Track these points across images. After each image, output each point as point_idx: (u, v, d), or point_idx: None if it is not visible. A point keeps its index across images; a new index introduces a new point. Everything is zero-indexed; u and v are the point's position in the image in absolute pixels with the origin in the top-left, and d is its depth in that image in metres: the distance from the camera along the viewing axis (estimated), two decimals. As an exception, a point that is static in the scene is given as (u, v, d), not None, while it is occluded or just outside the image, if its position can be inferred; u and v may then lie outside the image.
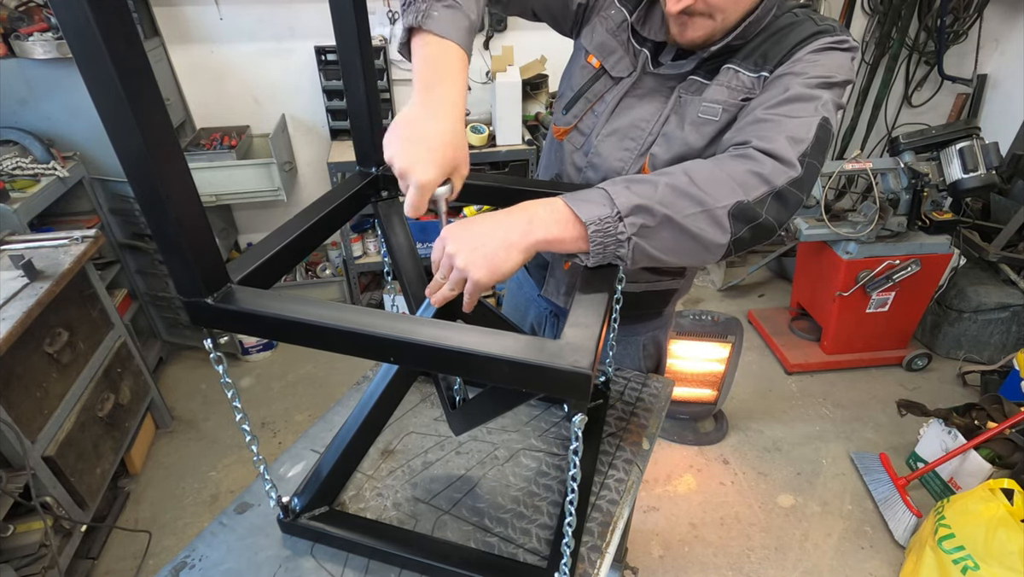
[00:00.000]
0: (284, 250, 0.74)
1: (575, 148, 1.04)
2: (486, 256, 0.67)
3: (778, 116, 0.78)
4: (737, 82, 0.88)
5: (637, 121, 0.96)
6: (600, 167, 1.00)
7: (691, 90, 0.92)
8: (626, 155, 0.98)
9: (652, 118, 0.95)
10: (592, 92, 1.01)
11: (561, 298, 1.23)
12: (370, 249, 3.04)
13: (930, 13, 3.18)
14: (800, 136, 0.76)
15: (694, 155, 0.90)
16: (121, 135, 0.50)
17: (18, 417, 1.60)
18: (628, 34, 0.97)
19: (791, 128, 0.77)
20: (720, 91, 0.89)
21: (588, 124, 1.02)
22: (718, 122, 0.89)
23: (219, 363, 0.67)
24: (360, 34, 0.81)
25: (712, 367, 2.32)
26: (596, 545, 0.85)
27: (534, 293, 1.31)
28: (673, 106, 0.93)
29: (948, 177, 2.41)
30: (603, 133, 0.99)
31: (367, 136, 0.91)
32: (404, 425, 1.09)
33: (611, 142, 0.99)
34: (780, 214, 0.75)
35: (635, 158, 0.97)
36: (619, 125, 0.98)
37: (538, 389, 0.58)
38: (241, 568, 0.84)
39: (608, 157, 0.99)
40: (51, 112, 2.22)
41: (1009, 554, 1.56)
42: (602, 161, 1.00)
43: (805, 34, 0.85)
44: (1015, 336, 2.75)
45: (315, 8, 2.70)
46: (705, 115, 0.90)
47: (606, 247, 0.69)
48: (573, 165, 1.06)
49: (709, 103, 0.89)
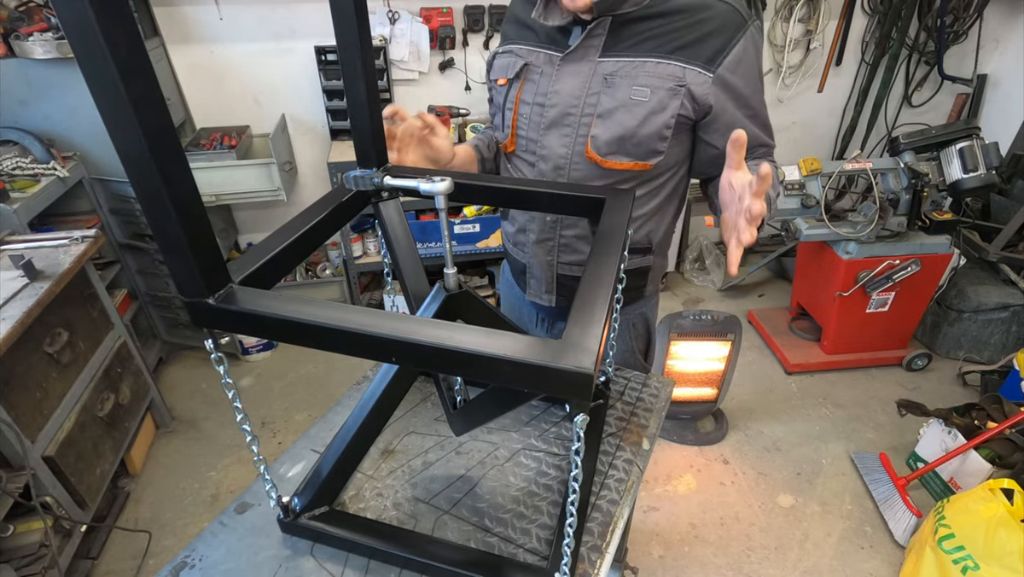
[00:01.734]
0: (285, 250, 0.74)
1: (524, 152, 1.14)
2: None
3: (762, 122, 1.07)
4: (667, 72, 0.99)
5: (566, 108, 1.05)
6: (549, 157, 1.10)
7: (620, 73, 1.00)
8: (567, 140, 1.07)
9: (578, 100, 1.04)
10: (509, 100, 1.13)
11: (545, 297, 1.27)
12: (370, 249, 3.04)
13: (930, 13, 3.18)
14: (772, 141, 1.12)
15: (630, 135, 1.01)
16: (122, 135, 0.50)
17: (18, 417, 1.60)
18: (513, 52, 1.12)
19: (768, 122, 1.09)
20: (650, 78, 0.99)
21: (523, 125, 1.12)
22: (648, 103, 0.99)
23: (220, 363, 0.67)
24: (360, 34, 0.81)
25: (713, 366, 2.32)
26: (596, 545, 0.85)
27: (525, 298, 1.34)
28: (601, 85, 1.01)
29: (948, 177, 2.41)
30: (543, 127, 1.08)
31: (367, 136, 0.91)
32: (404, 425, 1.09)
33: (551, 133, 1.08)
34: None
35: (574, 141, 1.06)
36: (553, 116, 1.06)
37: (540, 389, 0.57)
38: (241, 568, 0.84)
39: (553, 146, 1.08)
40: (51, 112, 2.22)
41: (1009, 554, 1.56)
42: (549, 152, 1.09)
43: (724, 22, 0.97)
44: (1015, 336, 2.75)
45: (315, 8, 2.70)
46: (637, 96, 0.99)
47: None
48: (527, 164, 1.15)
49: (640, 86, 0.99)
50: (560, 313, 1.30)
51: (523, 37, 1.11)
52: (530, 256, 1.24)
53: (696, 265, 3.64)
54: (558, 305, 1.26)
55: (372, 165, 0.94)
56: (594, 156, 1.05)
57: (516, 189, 0.90)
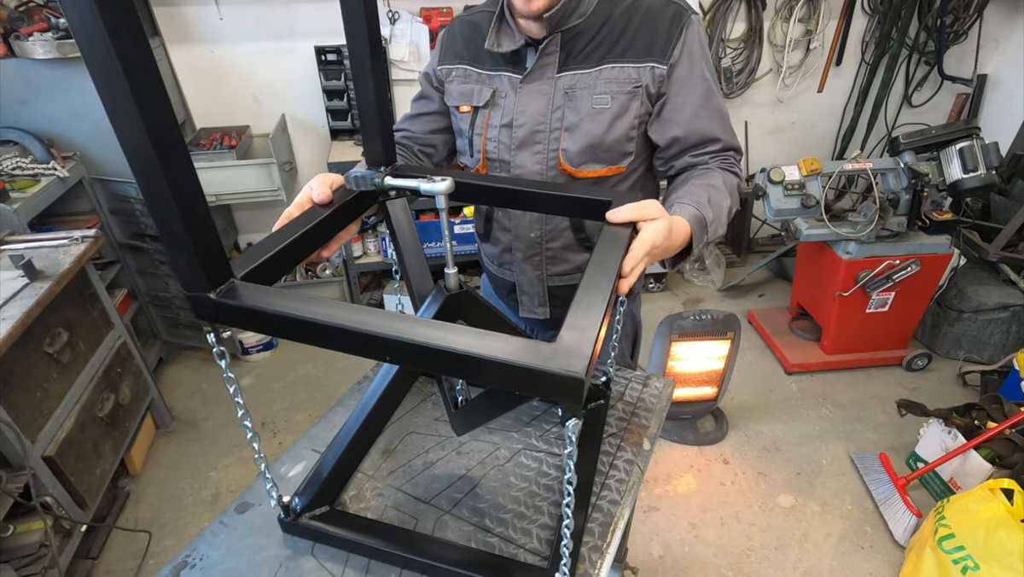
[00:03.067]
0: (288, 248, 0.74)
1: (498, 171, 1.15)
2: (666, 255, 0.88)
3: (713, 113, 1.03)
4: (623, 75, 1.01)
5: (534, 127, 1.07)
6: (524, 176, 1.12)
7: (579, 85, 1.03)
8: (539, 157, 1.09)
9: (545, 118, 1.06)
10: (477, 126, 1.13)
11: (539, 311, 1.29)
12: (370, 249, 3.04)
13: (930, 13, 3.18)
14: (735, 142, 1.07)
15: (599, 142, 1.04)
16: (127, 130, 0.50)
17: (18, 417, 1.60)
18: (475, 73, 1.12)
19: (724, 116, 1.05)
20: (608, 85, 1.02)
21: (492, 150, 1.13)
22: (610, 108, 1.02)
23: (222, 357, 0.67)
24: (370, 33, 0.81)
25: (713, 365, 2.32)
26: (596, 545, 0.85)
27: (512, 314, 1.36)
28: (563, 100, 1.04)
29: (948, 177, 2.41)
30: (513, 149, 1.10)
31: (376, 136, 0.91)
32: (405, 425, 1.09)
33: (524, 152, 1.10)
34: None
35: (547, 157, 1.08)
36: (522, 136, 1.08)
37: (532, 392, 0.57)
38: (241, 568, 0.83)
39: (527, 164, 1.10)
40: (51, 112, 2.22)
41: (1009, 554, 1.56)
42: (524, 171, 1.11)
43: (666, 17, 1.00)
44: (1015, 336, 2.75)
45: (315, 8, 2.70)
46: (599, 105, 1.02)
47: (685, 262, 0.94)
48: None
49: (600, 94, 1.02)
50: (555, 324, 1.31)
51: (477, 58, 1.12)
52: (519, 273, 1.25)
53: (696, 265, 3.64)
54: (552, 316, 1.28)
55: (381, 165, 0.94)
56: (567, 168, 1.07)
57: (519, 190, 0.90)
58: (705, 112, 1.03)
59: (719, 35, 3.14)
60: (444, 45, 1.17)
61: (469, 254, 3.02)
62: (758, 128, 3.51)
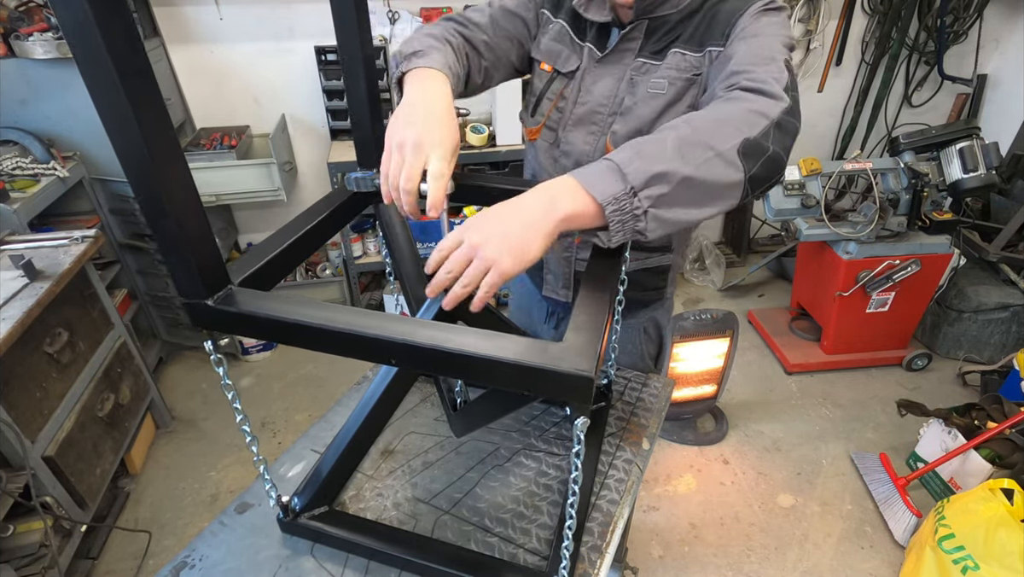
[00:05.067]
0: (285, 251, 0.74)
1: (548, 144, 1.13)
2: (512, 244, 0.65)
3: (752, 66, 0.83)
4: (684, 63, 0.97)
5: (595, 107, 1.05)
6: (571, 153, 1.09)
7: (642, 71, 1.00)
8: (592, 138, 1.06)
9: (608, 100, 1.04)
10: (551, 92, 1.10)
11: (561, 293, 1.27)
12: (370, 249, 3.04)
13: (930, 13, 3.18)
14: (776, 75, 0.81)
15: (647, 128, 0.99)
16: (121, 135, 0.50)
17: (18, 417, 1.60)
18: (569, 36, 1.07)
19: (770, 70, 0.82)
20: (668, 72, 0.98)
21: (555, 120, 1.10)
22: (665, 95, 0.98)
23: (219, 364, 0.67)
24: (361, 34, 0.81)
25: (713, 363, 2.32)
26: (596, 545, 0.85)
27: (537, 293, 1.33)
28: (627, 87, 1.01)
29: (948, 177, 2.41)
30: (570, 124, 1.08)
31: (368, 136, 0.91)
32: (404, 425, 1.09)
33: (578, 130, 1.07)
34: (784, 141, 0.78)
35: (598, 139, 1.06)
36: (582, 113, 1.06)
37: (540, 392, 0.57)
38: (241, 568, 0.84)
39: (577, 143, 1.08)
40: (51, 112, 2.22)
41: (1009, 554, 1.56)
42: (572, 148, 1.09)
43: (737, 6, 0.93)
44: (1015, 336, 2.75)
45: (315, 8, 2.70)
46: (654, 89, 0.98)
47: (624, 224, 0.68)
48: (549, 157, 1.14)
49: (658, 79, 0.98)
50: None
51: (575, 21, 1.06)
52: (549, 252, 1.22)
53: (696, 265, 3.64)
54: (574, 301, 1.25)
55: (373, 165, 0.94)
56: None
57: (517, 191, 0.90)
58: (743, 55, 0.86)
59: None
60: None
61: (469, 254, 3.01)
62: (758, 128, 3.51)
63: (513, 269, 0.66)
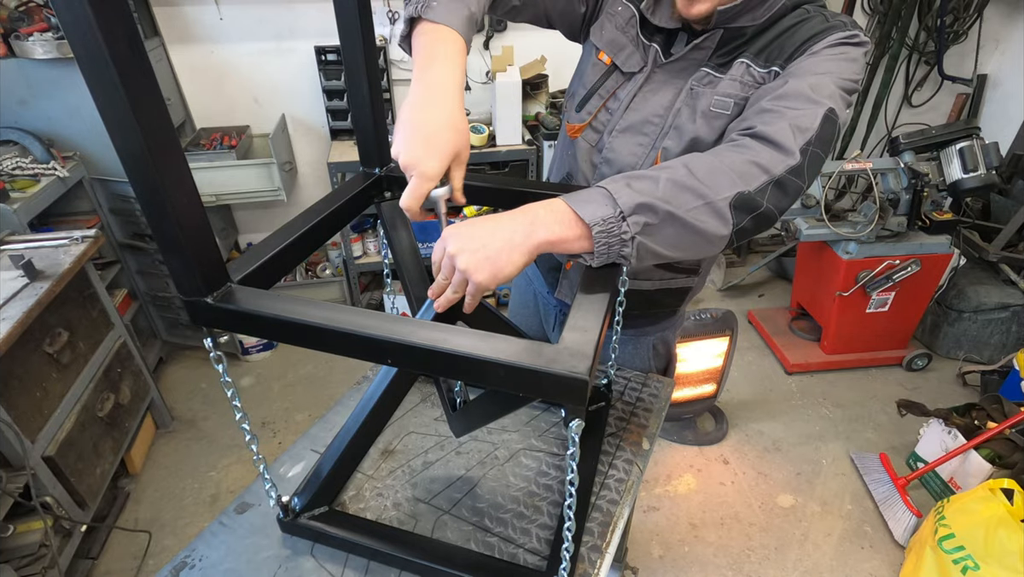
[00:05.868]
0: (285, 250, 0.74)
1: (590, 145, 1.04)
2: (488, 257, 0.66)
3: (782, 107, 0.78)
4: (749, 77, 0.88)
5: (650, 116, 0.96)
6: (615, 162, 1.00)
7: (704, 83, 0.91)
8: (639, 150, 0.98)
9: (665, 112, 0.95)
10: (604, 88, 1.01)
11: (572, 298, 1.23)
12: (370, 249, 3.04)
13: (930, 13, 3.18)
14: (804, 125, 0.76)
15: (704, 148, 0.87)
16: (122, 135, 0.50)
17: (18, 417, 1.60)
18: (636, 30, 0.97)
19: (795, 117, 0.76)
20: (733, 85, 0.89)
21: (602, 121, 1.02)
22: (729, 115, 0.89)
23: (219, 362, 0.67)
24: (364, 34, 0.81)
25: (712, 362, 2.32)
26: (596, 545, 0.85)
27: (544, 291, 1.31)
28: (685, 98, 0.93)
29: (948, 177, 2.41)
30: (617, 129, 0.99)
31: (370, 136, 0.91)
32: (404, 425, 1.09)
33: (625, 138, 0.99)
34: (780, 202, 0.75)
35: (648, 152, 0.97)
36: (633, 120, 0.98)
37: (535, 394, 0.57)
38: (241, 568, 0.84)
39: (622, 152, 0.99)
40: (51, 112, 2.22)
41: (1009, 554, 1.56)
42: (616, 156, 1.00)
43: (816, 30, 0.85)
44: (1015, 336, 2.75)
45: (315, 8, 2.70)
46: (717, 108, 0.90)
47: (610, 247, 0.68)
48: (588, 162, 1.05)
49: (721, 96, 0.89)
50: None
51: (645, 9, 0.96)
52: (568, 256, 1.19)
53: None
54: None
55: (375, 165, 0.94)
56: None
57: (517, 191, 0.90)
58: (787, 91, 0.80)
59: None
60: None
61: (469, 254, 3.01)
62: (758, 128, 3.51)
63: (488, 283, 0.66)
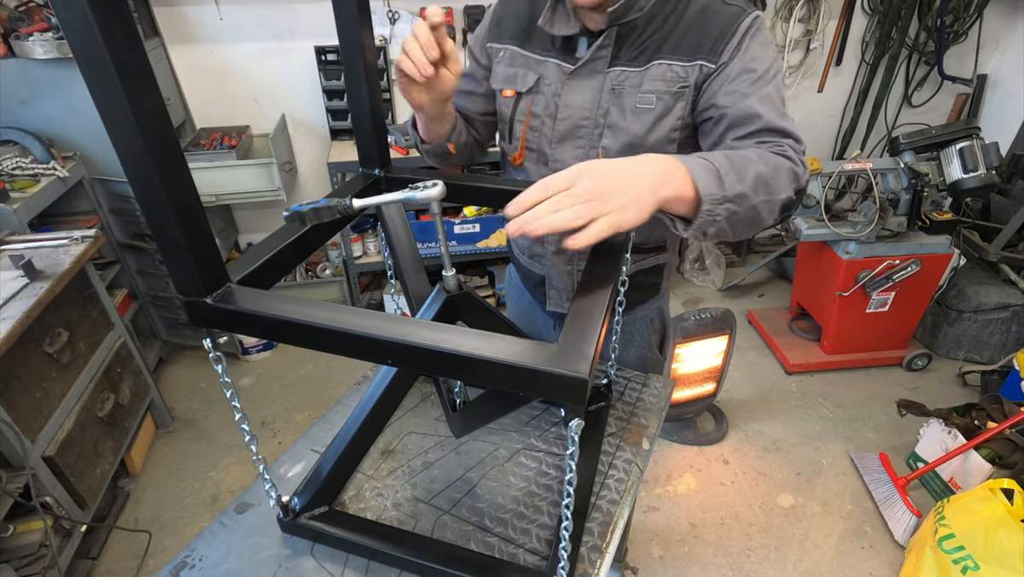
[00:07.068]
0: (284, 251, 0.74)
1: (535, 164, 1.11)
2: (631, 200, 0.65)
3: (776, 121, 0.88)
4: (671, 73, 0.96)
5: (578, 120, 1.03)
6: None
7: (626, 82, 0.99)
8: (580, 152, 1.05)
9: (590, 112, 1.02)
10: (519, 113, 1.09)
11: (566, 306, 1.26)
12: (370, 249, 3.04)
13: (930, 13, 3.18)
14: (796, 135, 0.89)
15: (639, 142, 1.00)
16: (121, 135, 0.50)
17: (18, 417, 1.60)
18: (522, 56, 1.07)
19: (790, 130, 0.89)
20: (655, 83, 0.97)
21: (533, 140, 1.09)
22: (654, 109, 0.98)
23: (218, 363, 0.67)
24: (363, 35, 0.81)
25: (712, 362, 2.32)
26: (596, 545, 0.85)
27: (539, 308, 1.34)
28: (610, 98, 1.00)
29: (948, 177, 2.41)
30: (555, 141, 1.06)
31: (370, 137, 0.91)
32: (404, 425, 1.09)
33: (565, 146, 1.06)
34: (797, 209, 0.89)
35: (587, 153, 1.04)
36: (564, 128, 1.05)
37: (535, 393, 0.57)
38: (241, 568, 0.84)
39: (566, 159, 1.06)
40: (51, 112, 2.22)
41: (1009, 554, 1.56)
42: (563, 165, 1.04)
43: (724, 16, 0.94)
44: (1015, 336, 2.75)
45: (315, 8, 2.70)
46: (643, 104, 0.98)
47: (704, 223, 0.73)
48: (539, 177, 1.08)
49: (645, 93, 0.98)
50: None
51: (526, 39, 1.06)
52: (549, 267, 1.22)
53: (696, 265, 3.64)
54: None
55: (375, 165, 0.94)
56: None
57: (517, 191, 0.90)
58: (752, 95, 0.91)
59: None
60: (496, 18, 1.12)
61: (470, 254, 3.02)
62: (758, 128, 3.51)
63: (635, 221, 0.66)
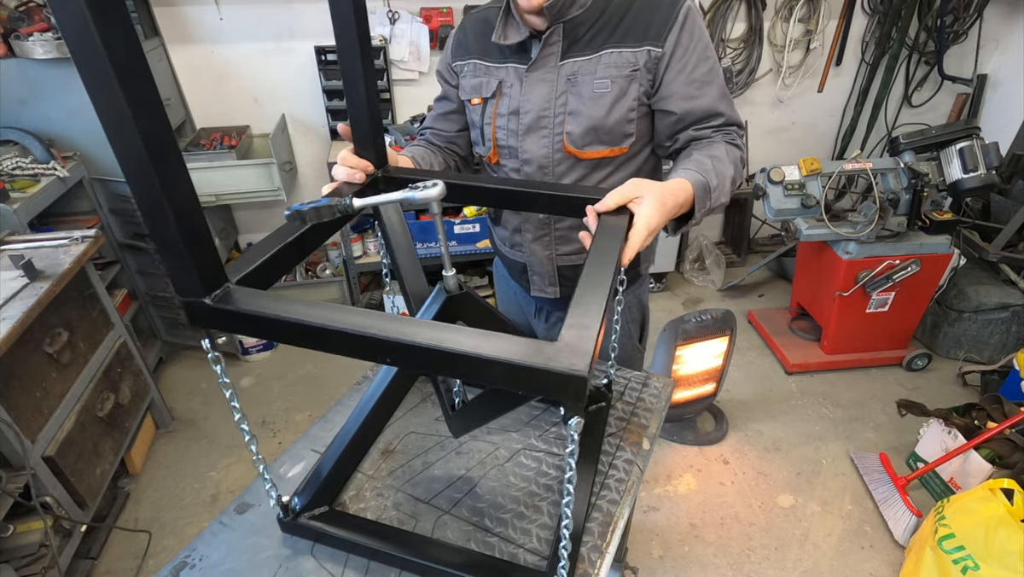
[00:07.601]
0: (284, 250, 0.74)
1: (507, 156, 1.21)
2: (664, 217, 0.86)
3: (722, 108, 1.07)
4: (621, 59, 1.06)
5: (539, 112, 1.12)
6: (532, 160, 1.17)
7: (580, 73, 1.08)
8: (546, 142, 1.14)
9: (549, 104, 1.11)
10: (487, 116, 1.19)
11: (549, 291, 1.33)
12: (370, 249, 3.04)
13: (930, 13, 3.18)
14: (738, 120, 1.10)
15: (600, 124, 1.10)
16: (119, 136, 0.50)
17: (18, 417, 1.60)
18: (484, 67, 1.17)
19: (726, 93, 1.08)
20: (608, 69, 1.07)
21: (503, 138, 1.18)
22: (611, 92, 1.07)
23: (217, 363, 0.67)
24: (360, 35, 0.81)
25: (712, 363, 2.32)
26: (596, 545, 0.85)
27: (524, 294, 1.41)
28: (567, 88, 1.09)
29: (948, 177, 2.41)
30: (520, 136, 1.16)
31: (368, 137, 0.91)
32: (404, 425, 1.09)
33: (531, 137, 1.15)
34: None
35: (552, 141, 1.14)
36: (529, 122, 1.14)
37: (535, 391, 0.57)
38: (241, 568, 0.84)
39: (533, 150, 1.16)
40: (51, 112, 2.22)
41: (1009, 554, 1.56)
42: (531, 155, 1.17)
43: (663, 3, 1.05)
44: (1015, 336, 2.75)
45: (315, 8, 2.70)
46: (600, 89, 1.07)
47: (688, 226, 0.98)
48: (512, 169, 1.21)
49: (600, 79, 1.07)
50: (564, 304, 1.34)
51: (486, 53, 1.17)
52: (529, 254, 1.30)
53: (696, 265, 3.64)
54: (562, 296, 1.33)
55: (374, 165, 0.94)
56: (572, 150, 1.13)
57: (513, 191, 0.90)
58: (706, 88, 1.06)
59: (719, 35, 3.14)
60: (456, 41, 1.23)
61: (470, 254, 3.02)
62: (758, 128, 3.51)
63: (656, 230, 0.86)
